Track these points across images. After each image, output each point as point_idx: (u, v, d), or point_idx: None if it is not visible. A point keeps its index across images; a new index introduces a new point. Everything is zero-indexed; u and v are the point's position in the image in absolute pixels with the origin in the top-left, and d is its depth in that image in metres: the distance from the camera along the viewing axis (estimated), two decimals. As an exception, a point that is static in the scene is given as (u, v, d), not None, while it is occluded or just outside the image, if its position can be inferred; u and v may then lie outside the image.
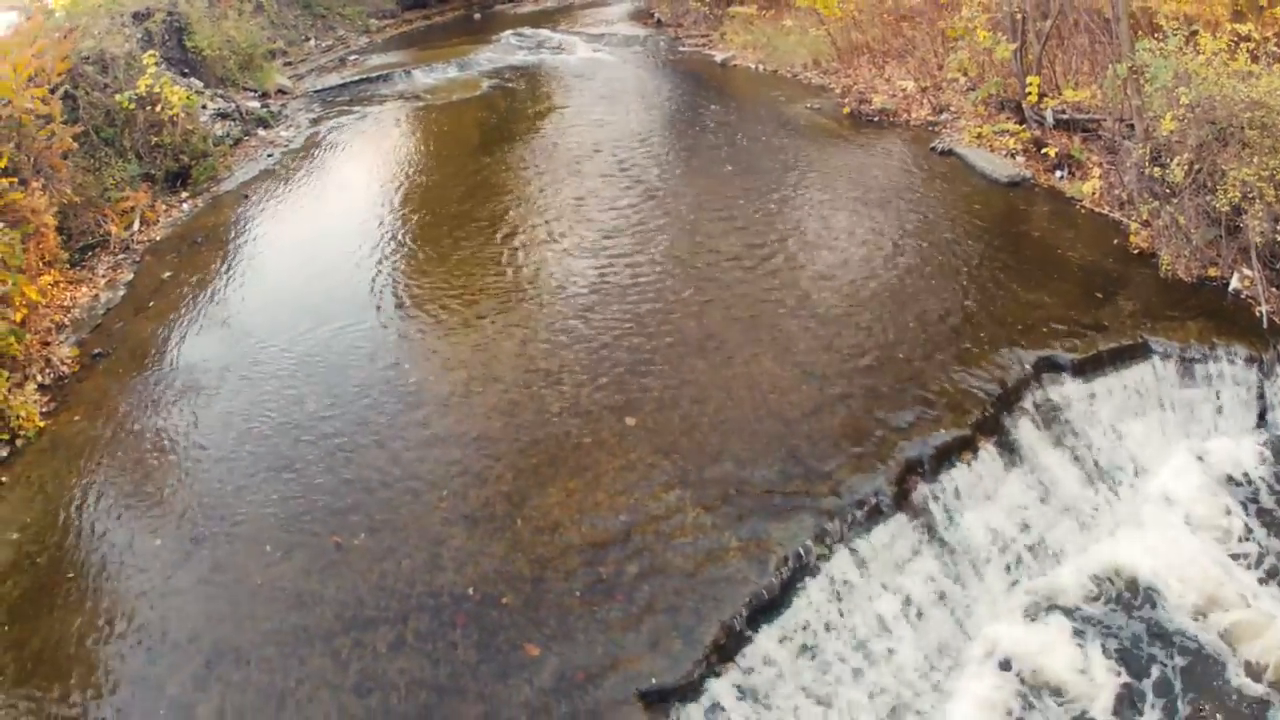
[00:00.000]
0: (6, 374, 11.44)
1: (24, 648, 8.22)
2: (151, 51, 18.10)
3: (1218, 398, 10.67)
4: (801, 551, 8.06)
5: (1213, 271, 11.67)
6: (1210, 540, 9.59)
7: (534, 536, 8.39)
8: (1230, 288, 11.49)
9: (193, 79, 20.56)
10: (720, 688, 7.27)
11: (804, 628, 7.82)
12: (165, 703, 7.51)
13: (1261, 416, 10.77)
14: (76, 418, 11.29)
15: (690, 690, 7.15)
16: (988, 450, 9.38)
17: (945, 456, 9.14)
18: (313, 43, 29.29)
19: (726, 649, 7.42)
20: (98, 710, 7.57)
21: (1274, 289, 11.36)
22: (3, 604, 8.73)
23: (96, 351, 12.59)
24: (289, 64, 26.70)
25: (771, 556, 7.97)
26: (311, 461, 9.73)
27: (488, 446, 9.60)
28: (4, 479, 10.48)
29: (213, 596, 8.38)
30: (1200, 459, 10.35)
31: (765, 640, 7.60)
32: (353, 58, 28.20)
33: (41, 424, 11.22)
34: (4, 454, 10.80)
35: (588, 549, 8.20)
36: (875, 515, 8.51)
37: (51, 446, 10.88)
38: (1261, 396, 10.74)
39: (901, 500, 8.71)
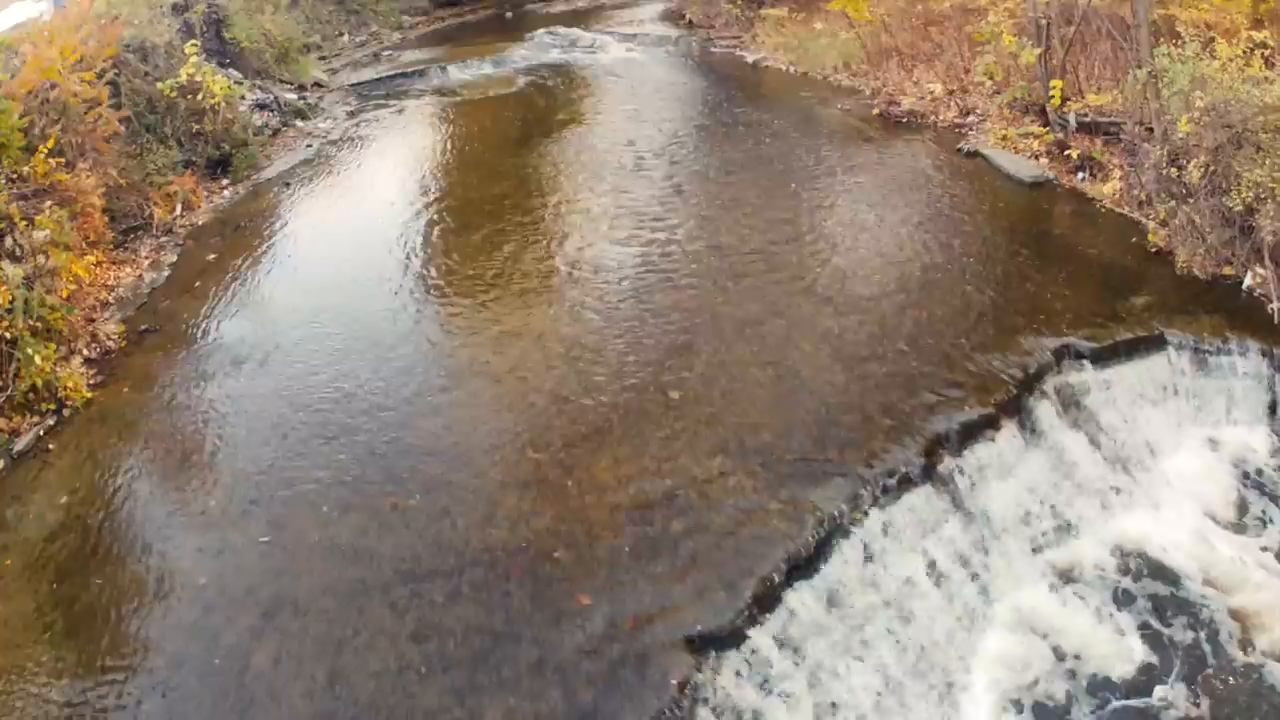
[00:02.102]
0: (54, 347, 11.83)
1: (73, 604, 8.54)
2: (193, 41, 18.70)
3: (1230, 389, 11.07)
4: (836, 514, 8.57)
5: (1227, 270, 12.09)
6: (1221, 521, 10.03)
7: (584, 498, 8.91)
8: (1244, 285, 11.91)
9: (231, 70, 21.13)
10: (760, 637, 7.74)
11: (838, 585, 8.32)
12: (221, 652, 7.83)
13: (1273, 408, 11.13)
14: (125, 389, 11.73)
15: (733, 638, 7.62)
16: (1010, 429, 9.86)
17: (970, 433, 9.63)
18: (346, 38, 29.93)
19: (766, 601, 7.89)
20: (150, 660, 7.90)
21: (1286, 287, 11.74)
22: (51, 564, 9.05)
23: (144, 328, 13.02)
24: (323, 58, 27.29)
25: (808, 518, 8.48)
26: (365, 429, 10.21)
27: (538, 417, 10.10)
28: (52, 446, 10.86)
29: (269, 553, 8.78)
30: (1213, 445, 10.80)
31: (802, 595, 8.09)
32: (386, 53, 28.75)
33: (89, 395, 11.61)
34: (51, 423, 11.21)
35: (635, 509, 8.71)
36: (905, 484, 9.03)
37: (100, 416, 11.27)
38: (1272, 389, 11.11)
39: (929, 471, 9.22)
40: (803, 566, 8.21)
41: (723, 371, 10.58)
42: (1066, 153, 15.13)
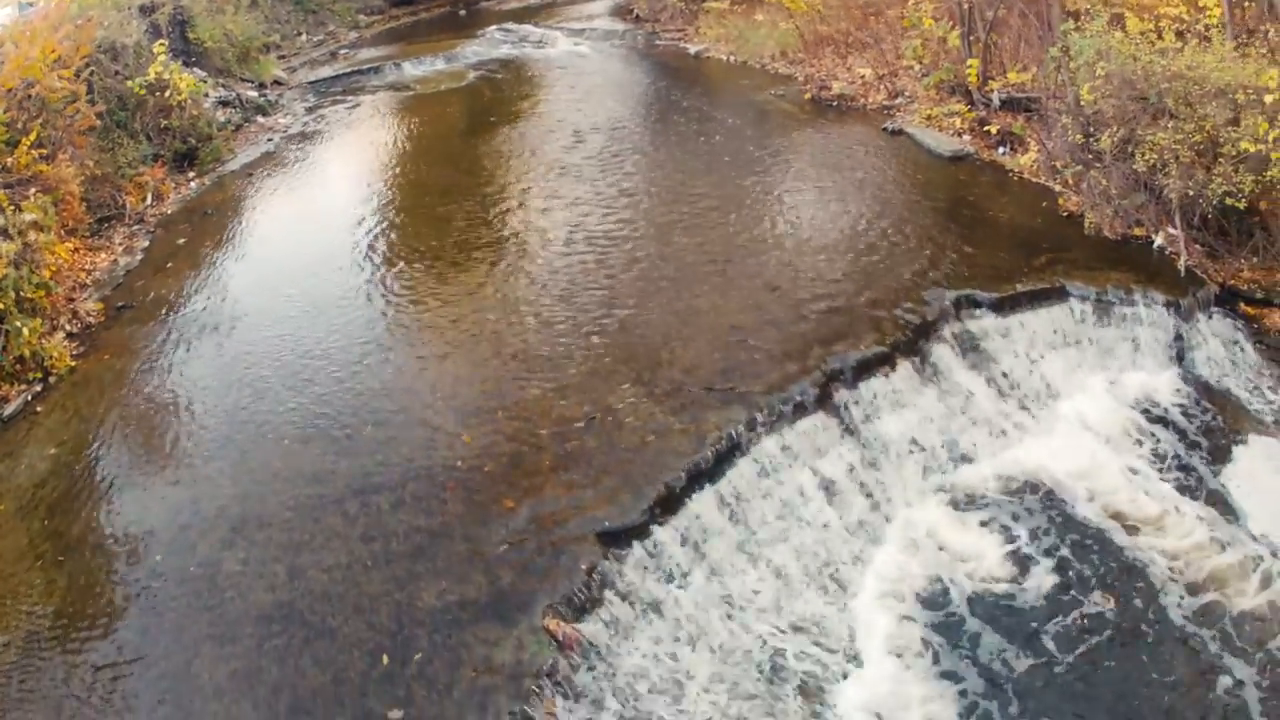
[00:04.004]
0: (39, 321, 13.44)
1: (63, 535, 10.09)
2: (161, 41, 20.54)
3: (1136, 338, 12.30)
4: (734, 433, 10.18)
5: (1138, 231, 13.40)
6: (1117, 450, 11.20)
7: (512, 423, 10.61)
8: (1155, 245, 13.23)
9: (196, 69, 23.02)
10: (664, 533, 9.34)
11: (736, 495, 9.91)
12: (195, 561, 9.43)
13: (1179, 357, 12.35)
14: (105, 357, 13.38)
15: (638, 532, 9.24)
16: (905, 367, 11.35)
17: (865, 369, 11.14)
18: (305, 37, 32.06)
19: (669, 504, 9.52)
20: (133, 571, 9.46)
21: (1197, 245, 13.08)
22: (41, 505, 10.63)
23: (121, 304, 14.74)
24: (283, 57, 29.40)
25: (709, 435, 10.13)
26: (323, 378, 11.92)
27: (475, 360, 11.85)
28: (39, 409, 12.46)
29: (239, 479, 10.43)
30: (1113, 388, 11.96)
31: (702, 501, 9.70)
32: (343, 51, 30.95)
33: (72, 364, 13.26)
34: (38, 389, 12.81)
35: (556, 430, 10.40)
36: (799, 410, 10.60)
37: (83, 381, 12.91)
38: (1179, 338, 12.36)
39: (824, 400, 10.78)
40: (702, 477, 9.84)
41: (640, 318, 12.32)
42: (987, 128, 16.76)
